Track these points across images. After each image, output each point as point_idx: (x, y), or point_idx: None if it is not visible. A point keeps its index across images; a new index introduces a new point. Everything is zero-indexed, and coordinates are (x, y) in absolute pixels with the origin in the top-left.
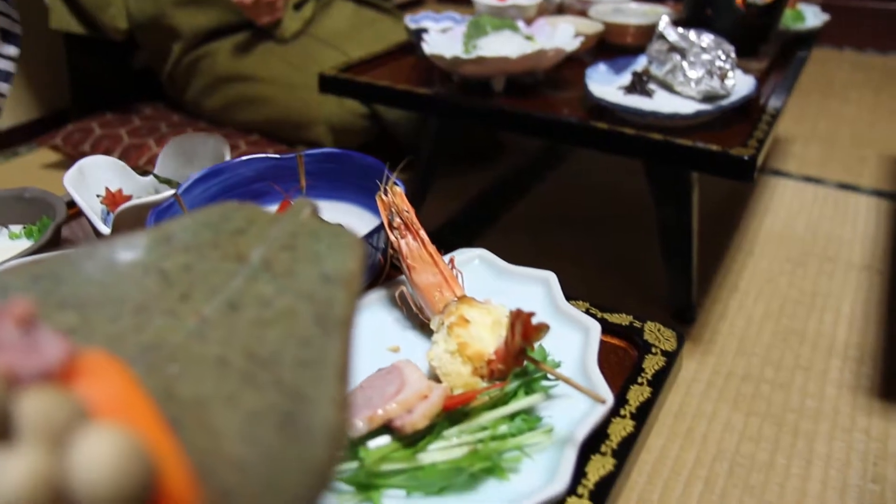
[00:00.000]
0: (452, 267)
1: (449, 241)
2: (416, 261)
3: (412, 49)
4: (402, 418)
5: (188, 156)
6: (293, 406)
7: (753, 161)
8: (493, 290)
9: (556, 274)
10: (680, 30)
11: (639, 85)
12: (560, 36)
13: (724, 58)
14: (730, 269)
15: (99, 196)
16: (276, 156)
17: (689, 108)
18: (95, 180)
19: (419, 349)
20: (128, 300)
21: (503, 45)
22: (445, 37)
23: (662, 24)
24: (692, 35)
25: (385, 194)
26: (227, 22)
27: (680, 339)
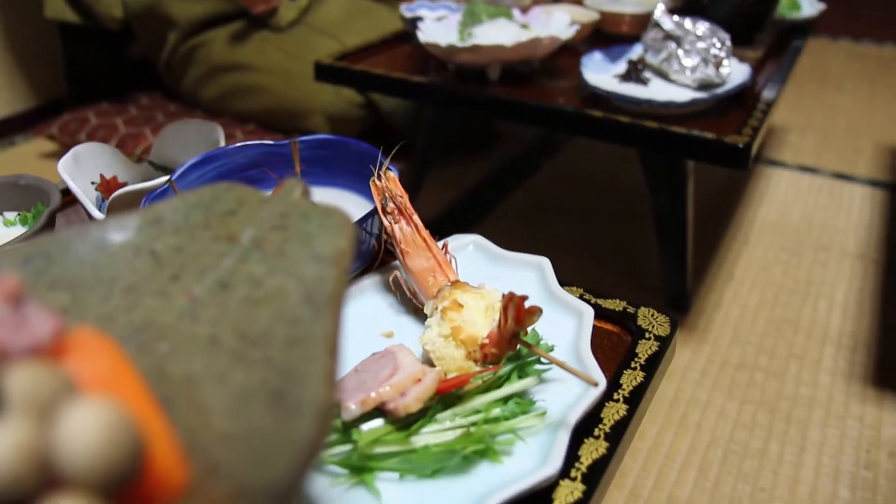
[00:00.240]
0: (446, 252)
1: (444, 230)
2: (409, 245)
3: (408, 38)
4: (396, 401)
5: (183, 143)
6: (283, 383)
7: (748, 148)
8: (487, 276)
9: (552, 263)
10: (675, 18)
11: (634, 73)
12: (555, 24)
13: (719, 46)
14: (725, 259)
15: (94, 183)
16: (271, 142)
17: (685, 96)
18: (90, 167)
19: (413, 334)
20: (119, 281)
21: (498, 33)
22: (441, 25)
23: (658, 13)
24: (688, 23)
25: (379, 179)
26: (223, 11)
27: (673, 324)
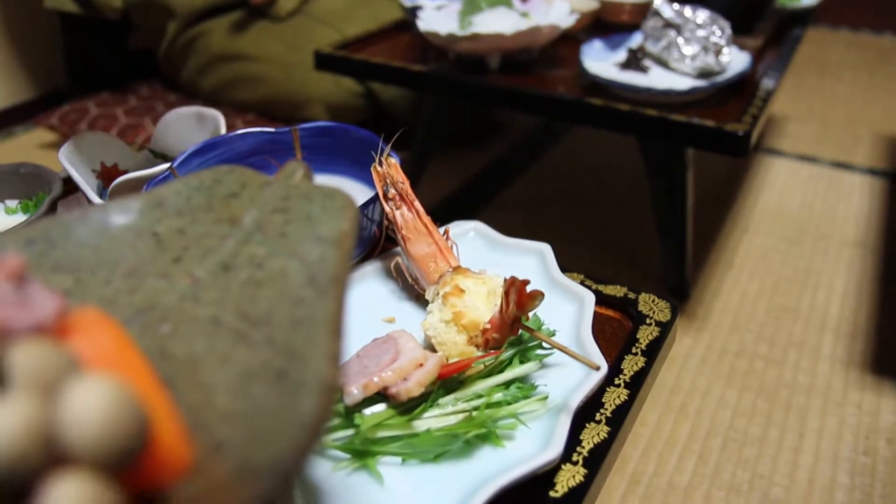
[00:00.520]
0: (447, 238)
1: (445, 219)
2: (411, 231)
3: (408, 27)
4: (398, 386)
5: (184, 131)
6: (286, 363)
7: (748, 136)
8: (488, 262)
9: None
10: (675, 6)
11: (634, 61)
12: (555, 13)
13: (719, 34)
14: (725, 247)
15: (94, 171)
16: (272, 130)
17: (684, 84)
18: (91, 155)
19: (414, 320)
20: (121, 263)
21: (498, 22)
22: (440, 14)
23: (658, 1)
24: (687, 11)
25: (380, 165)
26: (223, 1)
27: (674, 309)
